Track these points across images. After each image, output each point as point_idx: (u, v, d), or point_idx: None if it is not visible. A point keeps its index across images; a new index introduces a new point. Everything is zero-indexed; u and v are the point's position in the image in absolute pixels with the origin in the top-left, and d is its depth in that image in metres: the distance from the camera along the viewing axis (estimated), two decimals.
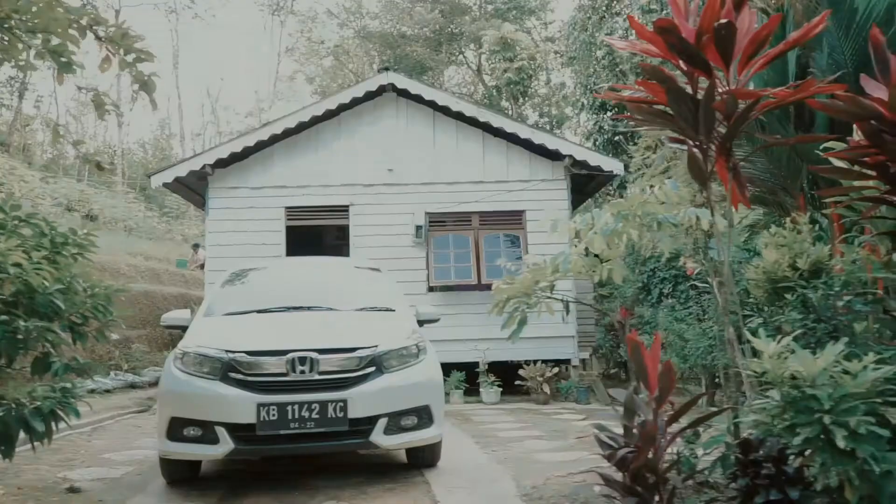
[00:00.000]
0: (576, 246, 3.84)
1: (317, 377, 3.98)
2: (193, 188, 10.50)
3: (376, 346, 4.16)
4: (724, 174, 3.24)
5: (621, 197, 17.19)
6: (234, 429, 3.89)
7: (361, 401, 3.97)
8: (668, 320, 8.28)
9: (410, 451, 4.53)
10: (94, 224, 14.98)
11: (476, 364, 9.29)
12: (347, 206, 10.04)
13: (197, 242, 16.80)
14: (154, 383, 9.42)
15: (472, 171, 10.14)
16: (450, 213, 10.04)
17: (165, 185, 9.90)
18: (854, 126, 3.01)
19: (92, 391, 8.38)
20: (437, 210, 10.01)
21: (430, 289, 9.72)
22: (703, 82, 3.22)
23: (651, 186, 3.89)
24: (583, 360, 10.19)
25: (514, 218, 10.10)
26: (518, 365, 9.41)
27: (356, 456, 5.07)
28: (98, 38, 3.53)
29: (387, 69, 10.23)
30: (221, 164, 9.81)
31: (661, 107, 3.26)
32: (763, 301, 4.01)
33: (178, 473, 4.28)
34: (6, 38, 3.89)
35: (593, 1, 15.45)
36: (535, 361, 9.40)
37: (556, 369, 9.37)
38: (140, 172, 26.40)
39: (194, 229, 22.94)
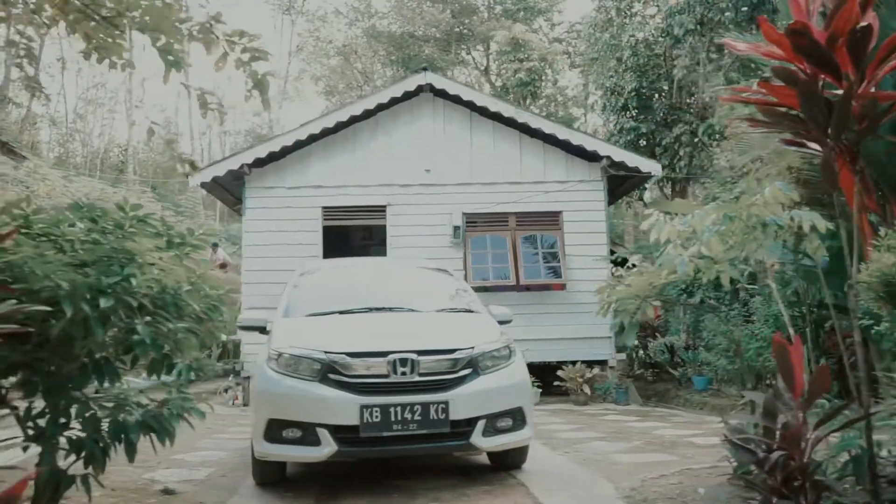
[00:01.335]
0: (682, 249, 3.83)
1: (417, 379, 3.96)
2: (228, 188, 10.47)
3: (473, 348, 4.15)
4: (849, 178, 3.24)
5: (641, 199, 17.17)
6: (337, 430, 3.86)
7: (462, 402, 3.96)
8: (715, 322, 8.28)
9: (496, 454, 4.51)
10: None
11: None
12: (385, 207, 10.02)
13: (215, 241, 16.74)
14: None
15: (508, 172, 10.14)
16: (487, 214, 10.04)
17: (203, 184, 9.86)
18: None
19: None
20: (474, 211, 10.01)
21: None
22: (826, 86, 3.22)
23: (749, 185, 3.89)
24: (619, 361, 10.20)
25: (550, 219, 10.10)
26: (555, 366, 9.42)
27: (432, 458, 5.04)
28: (216, 36, 3.51)
29: (425, 69, 10.22)
30: (259, 163, 9.79)
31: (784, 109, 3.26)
32: (873, 304, 4.01)
33: (270, 475, 4.26)
34: (109, 38, 3.87)
35: (617, 1, 15.46)
36: (573, 362, 9.41)
37: (595, 370, 9.38)
38: (151, 171, 26.33)
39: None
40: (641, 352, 12.57)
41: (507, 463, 4.52)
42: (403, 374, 3.95)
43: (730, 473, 3.90)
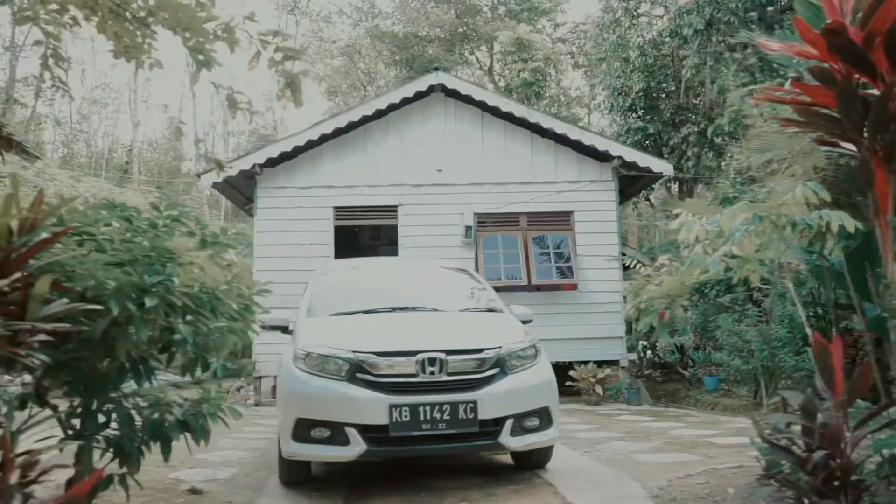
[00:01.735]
0: (709, 250, 3.83)
1: (446, 378, 3.96)
2: (239, 188, 10.47)
3: (500, 348, 4.15)
4: (884, 178, 3.24)
5: (647, 200, 17.15)
6: (366, 430, 3.86)
7: (490, 402, 3.96)
8: (728, 322, 8.29)
9: (520, 453, 4.51)
10: None
11: None
12: (396, 207, 10.03)
13: None
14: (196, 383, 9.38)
15: (520, 172, 10.15)
16: (498, 214, 10.04)
17: (215, 184, 9.86)
18: None
19: None
20: (486, 211, 10.01)
21: None
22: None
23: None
24: (631, 361, 10.21)
25: (562, 219, 10.10)
26: (566, 366, 9.41)
27: (456, 458, 5.04)
28: (250, 35, 3.51)
29: (436, 69, 10.22)
30: (270, 163, 9.79)
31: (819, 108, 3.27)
32: None
33: (296, 475, 4.26)
34: (139, 38, 3.87)
35: (625, 2, 15.46)
36: (584, 362, 9.41)
37: (607, 370, 9.38)
38: (155, 171, 26.32)
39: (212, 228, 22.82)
40: (649, 352, 12.58)
41: (532, 462, 4.51)
42: (432, 373, 3.94)
43: (759, 473, 3.92)
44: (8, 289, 1.92)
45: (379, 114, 10.00)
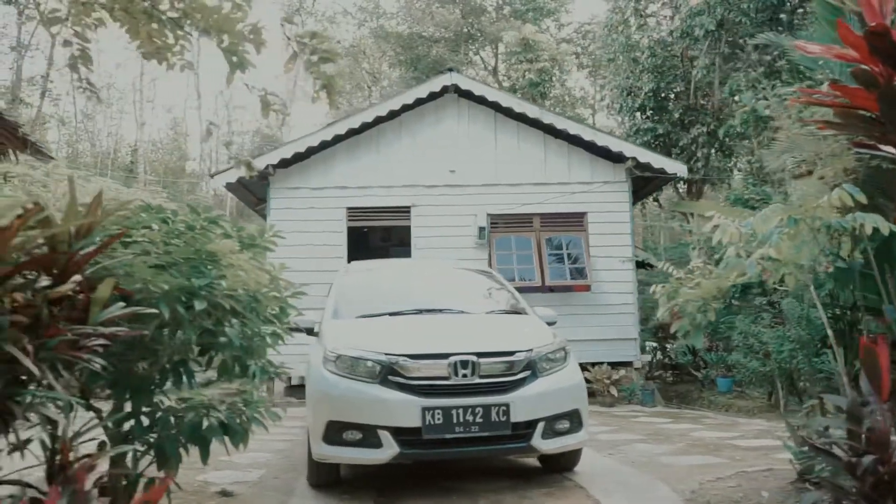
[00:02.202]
0: (742, 253, 3.81)
1: (478, 381, 3.95)
2: (251, 189, 10.46)
3: (531, 350, 4.14)
4: None
5: (656, 200, 17.11)
6: (398, 433, 3.84)
7: (522, 404, 3.95)
8: (744, 324, 8.27)
9: (548, 456, 4.49)
10: None
11: None
12: (409, 207, 10.02)
13: None
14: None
15: (533, 173, 10.14)
16: (511, 215, 10.02)
17: (228, 185, 9.85)
18: None
19: None
20: (499, 212, 10.00)
21: None
22: None
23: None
24: (650, 363, 10.19)
25: (575, 220, 10.09)
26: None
27: (482, 460, 5.03)
28: (287, 38, 3.50)
29: (450, 70, 10.22)
30: (283, 164, 9.78)
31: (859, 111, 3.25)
32: None
33: (326, 477, 4.25)
34: (173, 39, 3.86)
35: (636, 2, 15.45)
36: (598, 364, 9.40)
37: (622, 372, 9.37)
38: (160, 171, 26.32)
39: None
40: (660, 353, 12.55)
41: (560, 465, 4.50)
42: (464, 376, 3.93)
43: (793, 477, 3.91)
44: (71, 293, 1.91)
45: (392, 114, 9.99)
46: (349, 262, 8.99)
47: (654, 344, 12.41)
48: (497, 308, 5.05)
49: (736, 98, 12.96)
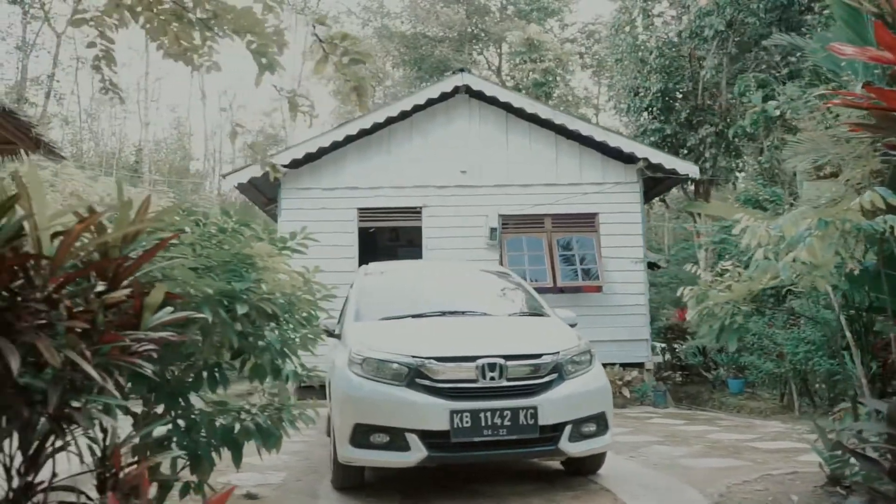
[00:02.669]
0: (770, 255, 3.79)
1: (505, 384, 3.94)
2: (262, 189, 10.44)
3: (558, 353, 4.12)
4: None
5: (663, 201, 17.09)
6: (426, 436, 3.83)
7: (550, 407, 3.93)
8: (759, 325, 8.25)
9: (571, 459, 4.47)
10: None
11: None
12: (420, 208, 10.00)
13: None
14: None
15: (544, 174, 10.12)
16: (523, 216, 10.01)
17: (240, 185, 9.85)
18: None
19: None
20: (511, 212, 9.98)
21: None
22: None
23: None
24: (658, 364, 10.18)
25: (587, 221, 10.07)
26: None
27: (505, 464, 5.01)
28: (318, 39, 3.49)
29: (462, 70, 10.21)
30: (295, 164, 9.77)
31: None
32: None
33: (351, 480, 4.24)
34: (202, 40, 3.85)
35: (643, 2, 15.41)
36: (611, 365, 9.37)
37: (633, 373, 9.36)
38: (165, 171, 26.31)
39: None
40: (668, 354, 12.54)
41: (584, 468, 4.48)
42: (492, 378, 3.92)
43: (823, 481, 3.89)
44: (125, 298, 1.90)
45: (403, 115, 9.97)
46: (360, 262, 8.98)
47: (662, 345, 12.40)
48: (519, 310, 5.04)
49: (744, 98, 12.93)
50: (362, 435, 3.92)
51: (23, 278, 1.70)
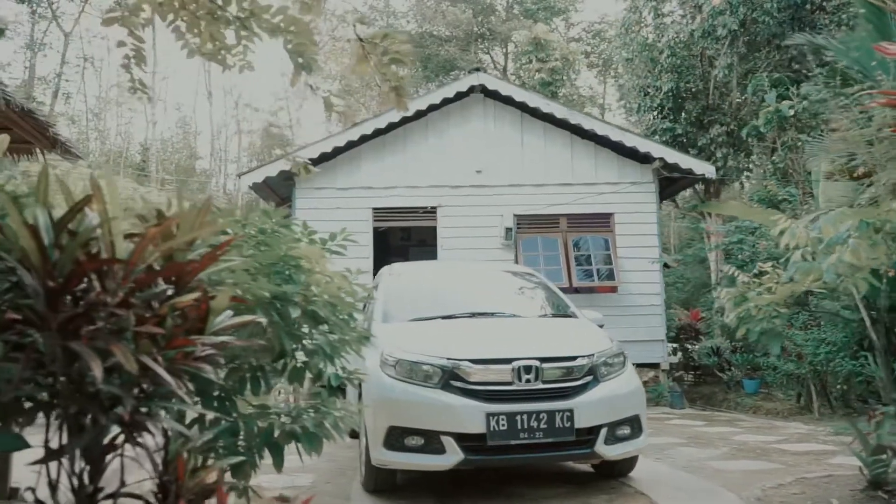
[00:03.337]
0: (808, 257, 3.76)
1: (541, 386, 3.90)
2: (276, 189, 10.42)
3: (593, 355, 4.09)
4: None
5: (673, 200, 17.00)
6: (462, 438, 3.80)
7: (586, 410, 3.90)
8: (779, 326, 8.20)
9: (603, 461, 4.44)
10: None
11: None
12: (435, 208, 9.97)
13: None
14: None
15: (559, 173, 10.08)
16: (538, 216, 9.97)
17: (254, 184, 9.82)
18: None
19: None
20: (526, 212, 9.94)
21: None
22: None
23: None
24: (672, 365, 10.14)
25: (602, 220, 10.04)
26: None
27: (533, 467, 4.96)
28: (359, 38, 3.45)
29: (477, 70, 10.18)
30: (310, 163, 9.71)
31: None
32: None
33: (383, 483, 4.20)
34: (239, 40, 3.82)
35: (655, 2, 15.36)
36: None
37: (650, 373, 9.32)
38: (171, 170, 26.28)
39: None
40: (680, 354, 12.49)
41: (615, 471, 4.45)
42: (528, 381, 3.89)
43: (862, 484, 3.86)
44: (193, 302, 1.87)
45: (419, 114, 9.94)
46: (375, 263, 8.95)
47: (674, 345, 12.36)
48: (548, 311, 5.00)
49: (756, 98, 12.88)
50: (396, 437, 3.89)
51: (97, 282, 1.66)
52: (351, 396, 4.77)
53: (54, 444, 1.76)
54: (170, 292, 1.83)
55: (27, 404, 1.76)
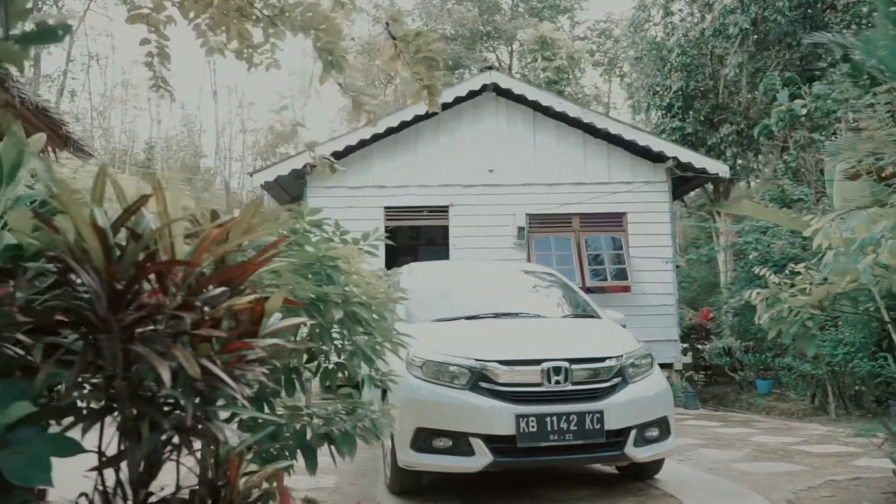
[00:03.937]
0: (840, 256, 3.71)
1: (571, 387, 3.87)
2: (287, 188, 10.38)
3: (621, 356, 4.06)
4: None
5: (681, 199, 16.96)
6: (491, 440, 3.77)
7: (616, 411, 3.87)
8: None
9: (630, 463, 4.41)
10: None
11: None
12: (447, 207, 9.93)
13: None
14: None
15: (572, 173, 10.04)
16: (550, 215, 9.93)
17: (266, 183, 9.79)
18: None
19: None
20: (538, 211, 9.90)
21: None
22: None
23: None
24: (685, 365, 10.10)
25: (615, 220, 10.00)
26: None
27: (557, 468, 4.92)
28: (391, 36, 3.42)
29: (490, 68, 10.14)
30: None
31: None
32: None
33: (409, 484, 4.18)
34: (266, 37, 3.79)
35: (665, 1, 15.31)
36: None
37: (664, 373, 9.27)
38: (176, 167, 26.26)
39: None
40: (691, 354, 12.44)
41: (641, 472, 4.41)
42: (557, 382, 3.85)
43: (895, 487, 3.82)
44: (248, 304, 1.83)
45: (430, 113, 9.86)
46: (386, 262, 8.90)
47: (685, 345, 12.31)
48: (571, 311, 4.97)
49: (766, 97, 12.83)
50: (424, 439, 3.86)
51: (157, 284, 1.63)
52: (367, 397, 4.73)
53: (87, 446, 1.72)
54: (227, 295, 1.80)
55: (83, 409, 1.73)
